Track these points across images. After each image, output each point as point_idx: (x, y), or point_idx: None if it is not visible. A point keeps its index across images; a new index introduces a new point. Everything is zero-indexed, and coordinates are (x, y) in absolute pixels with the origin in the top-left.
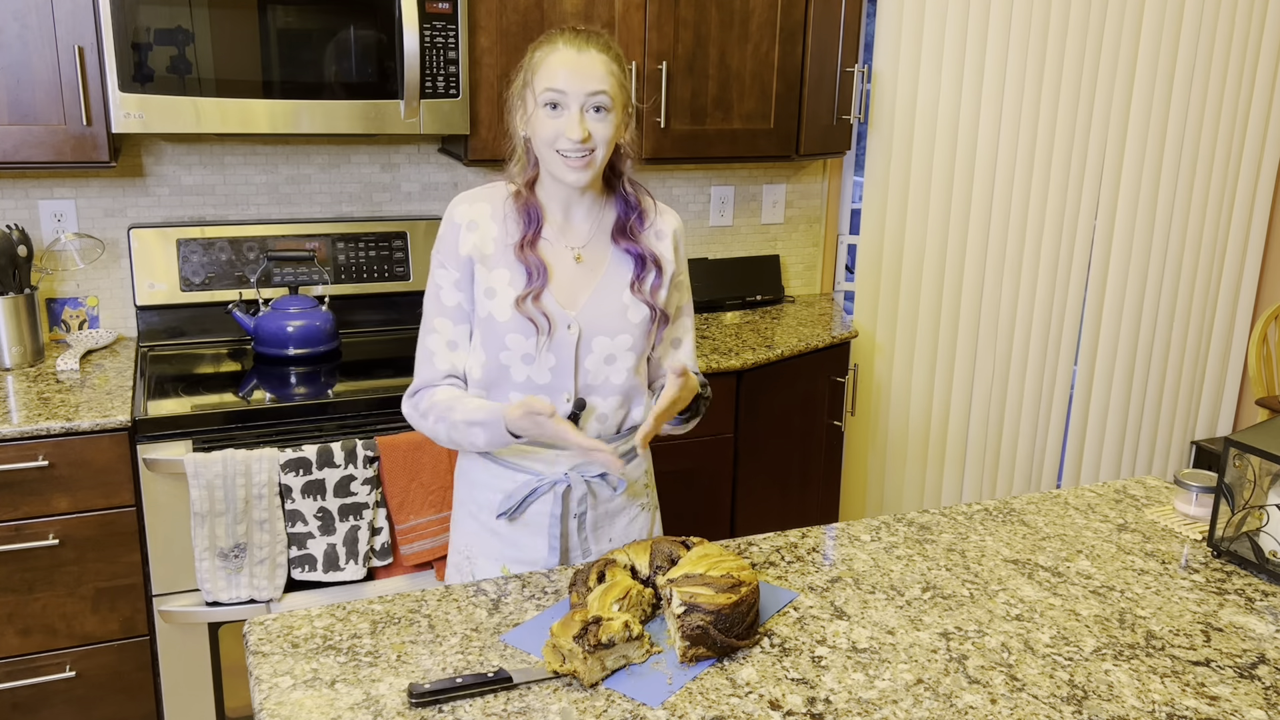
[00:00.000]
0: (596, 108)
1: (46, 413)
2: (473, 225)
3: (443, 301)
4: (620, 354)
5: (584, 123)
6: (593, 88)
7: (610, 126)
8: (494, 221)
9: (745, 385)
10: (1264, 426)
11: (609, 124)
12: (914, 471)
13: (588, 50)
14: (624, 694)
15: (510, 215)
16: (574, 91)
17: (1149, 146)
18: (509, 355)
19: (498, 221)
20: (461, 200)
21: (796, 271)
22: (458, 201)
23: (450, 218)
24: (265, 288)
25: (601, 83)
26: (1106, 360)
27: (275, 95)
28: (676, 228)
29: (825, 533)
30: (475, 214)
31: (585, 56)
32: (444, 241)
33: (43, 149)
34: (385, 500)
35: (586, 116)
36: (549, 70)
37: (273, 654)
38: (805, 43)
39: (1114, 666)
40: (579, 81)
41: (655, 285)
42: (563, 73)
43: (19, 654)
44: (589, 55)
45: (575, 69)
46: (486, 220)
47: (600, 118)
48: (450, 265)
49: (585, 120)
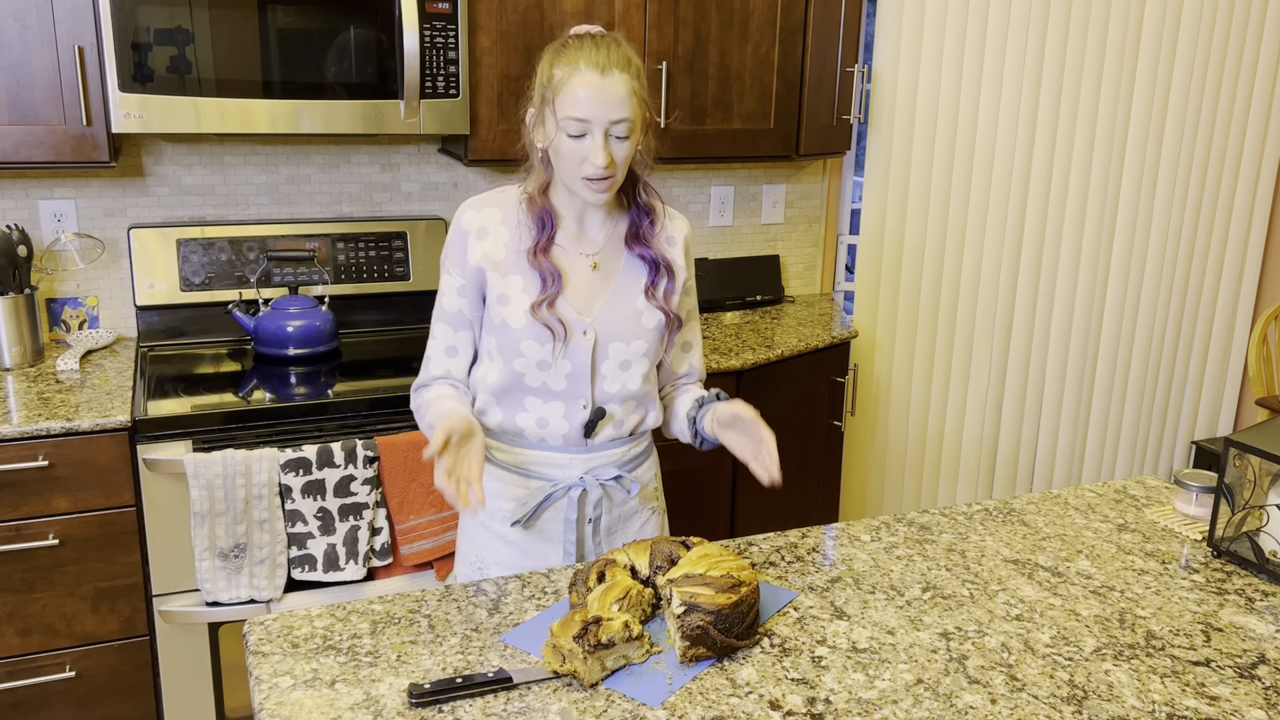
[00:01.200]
0: (619, 135)
1: (46, 413)
2: (483, 232)
3: (444, 307)
4: (635, 360)
5: (608, 149)
6: (616, 115)
7: (631, 147)
8: (505, 227)
9: (745, 385)
10: (1264, 426)
11: (630, 145)
12: (914, 471)
13: (610, 73)
14: (624, 694)
15: (522, 220)
16: (598, 119)
17: (1149, 146)
18: (524, 362)
19: (509, 227)
20: (470, 206)
21: (796, 271)
22: (466, 207)
23: (459, 224)
24: (265, 288)
25: (625, 109)
26: (1107, 360)
27: (275, 95)
28: (686, 233)
29: (825, 533)
30: (485, 220)
31: (609, 80)
32: (452, 247)
33: (43, 149)
34: (385, 500)
35: (610, 142)
36: (571, 96)
37: (273, 654)
38: (805, 43)
39: (1114, 666)
40: (603, 109)
41: (669, 291)
42: (585, 100)
43: (19, 654)
44: (612, 78)
45: (599, 96)
46: (497, 226)
47: (623, 144)
48: (455, 271)
49: (609, 146)
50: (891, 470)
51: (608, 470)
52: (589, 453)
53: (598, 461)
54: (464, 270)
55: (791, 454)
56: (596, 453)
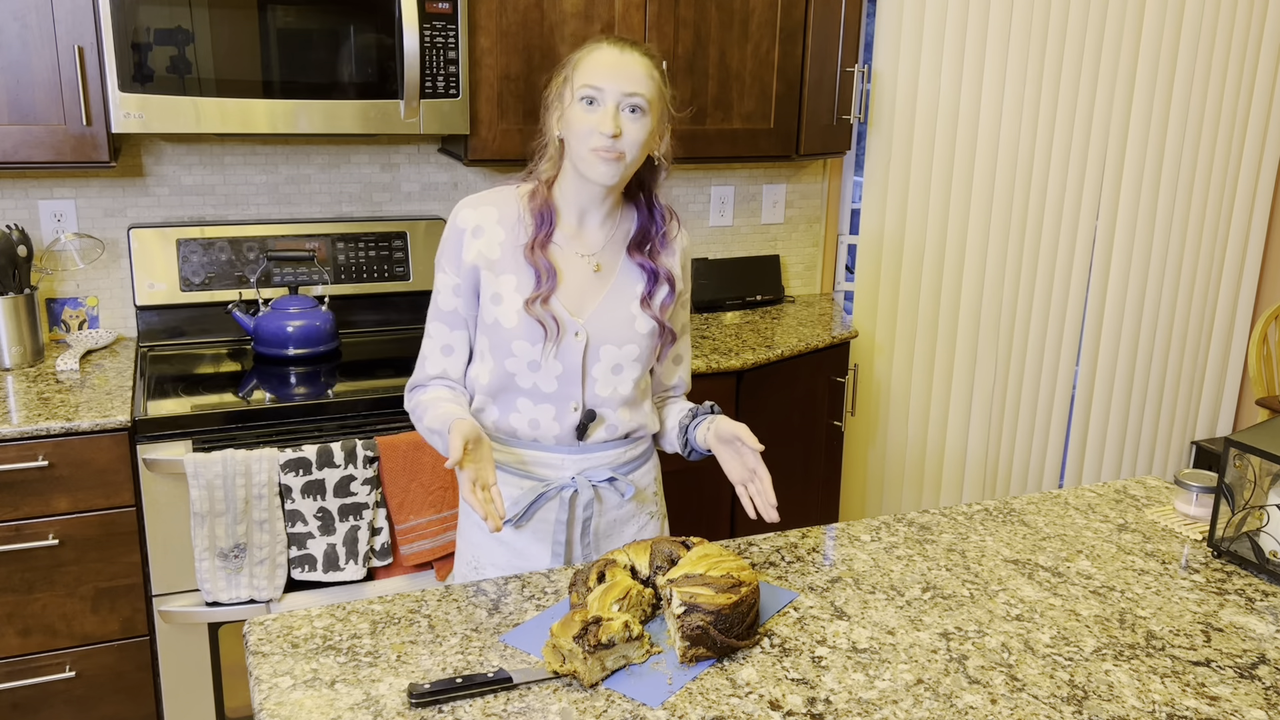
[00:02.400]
0: (632, 108)
1: (46, 413)
2: (478, 231)
3: (440, 306)
4: (627, 364)
5: (618, 119)
6: (630, 88)
7: (644, 130)
8: (501, 226)
9: (745, 385)
10: (1264, 426)
11: (643, 126)
12: (914, 471)
13: (630, 53)
14: (624, 694)
15: (520, 217)
16: (611, 89)
17: (1149, 146)
18: (515, 362)
19: (505, 226)
20: (466, 204)
21: (796, 271)
22: (462, 206)
23: (454, 222)
24: (265, 288)
25: (640, 85)
26: (1107, 360)
27: (275, 95)
28: (686, 246)
29: (825, 533)
30: (480, 219)
31: (627, 57)
32: (447, 245)
33: (43, 149)
34: (385, 500)
35: (621, 115)
36: (588, 67)
37: (273, 654)
38: (805, 43)
39: (1114, 667)
40: (617, 80)
41: (666, 303)
42: (602, 70)
43: (19, 654)
44: (630, 57)
45: (615, 67)
46: (493, 225)
47: (635, 118)
48: (450, 270)
49: (620, 117)
50: (891, 470)
51: (601, 472)
52: (582, 453)
53: (591, 462)
54: (459, 268)
55: (791, 454)
56: (590, 454)
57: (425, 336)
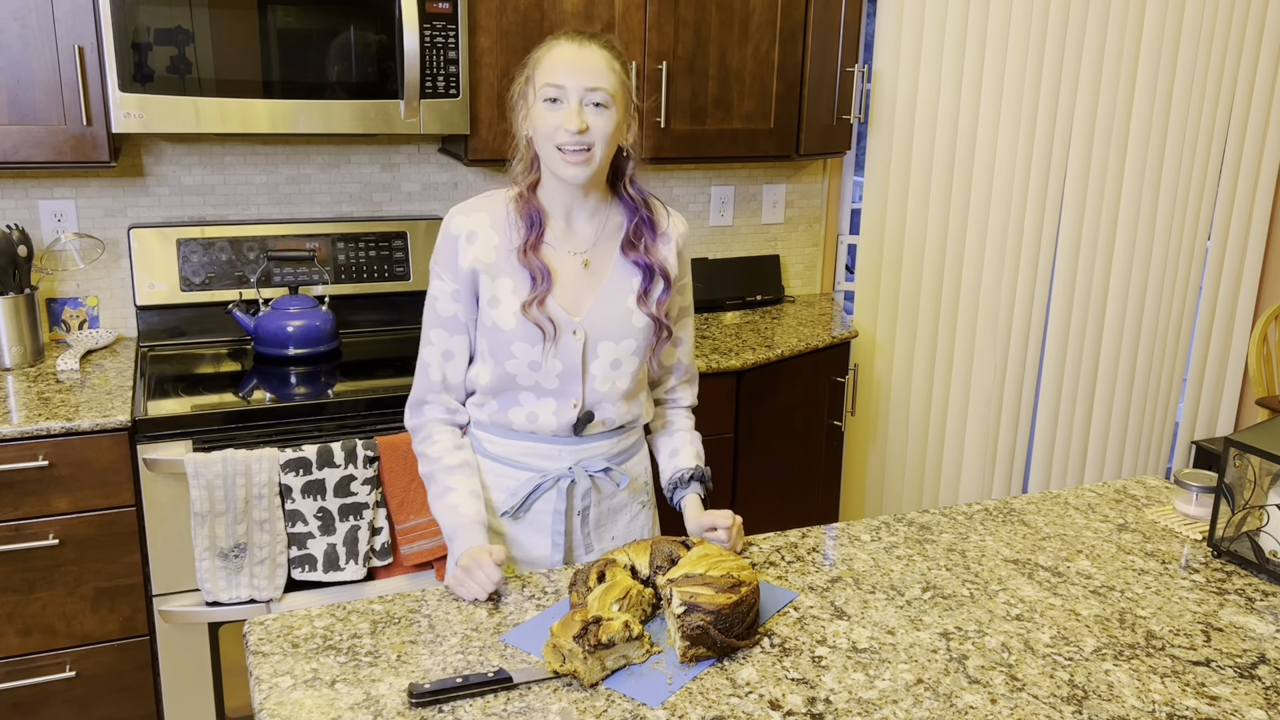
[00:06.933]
0: (596, 103)
1: (46, 413)
2: (472, 236)
3: (439, 312)
4: (625, 359)
5: (582, 115)
6: (591, 83)
7: (610, 123)
8: (493, 230)
9: (745, 385)
10: (1264, 426)
11: (608, 120)
12: (914, 471)
13: (589, 46)
14: (624, 694)
15: (511, 221)
16: (573, 85)
17: (1149, 145)
18: (515, 364)
19: (498, 230)
20: (458, 211)
21: (796, 271)
22: (454, 213)
23: (448, 229)
24: (265, 288)
25: (600, 78)
26: (1107, 360)
27: (275, 95)
28: (682, 232)
29: (825, 533)
30: (473, 224)
31: (586, 52)
32: (441, 253)
33: (43, 149)
34: (385, 500)
35: (585, 110)
36: (549, 65)
37: (273, 654)
38: (805, 43)
39: (1114, 666)
40: (578, 76)
41: (661, 299)
42: (562, 67)
43: (19, 654)
44: (590, 51)
45: (575, 63)
46: (485, 230)
47: (599, 113)
48: (447, 277)
49: (584, 113)
50: (891, 470)
51: (597, 462)
52: (578, 444)
53: (587, 453)
54: (457, 275)
55: (791, 454)
56: (586, 444)
57: (423, 344)
